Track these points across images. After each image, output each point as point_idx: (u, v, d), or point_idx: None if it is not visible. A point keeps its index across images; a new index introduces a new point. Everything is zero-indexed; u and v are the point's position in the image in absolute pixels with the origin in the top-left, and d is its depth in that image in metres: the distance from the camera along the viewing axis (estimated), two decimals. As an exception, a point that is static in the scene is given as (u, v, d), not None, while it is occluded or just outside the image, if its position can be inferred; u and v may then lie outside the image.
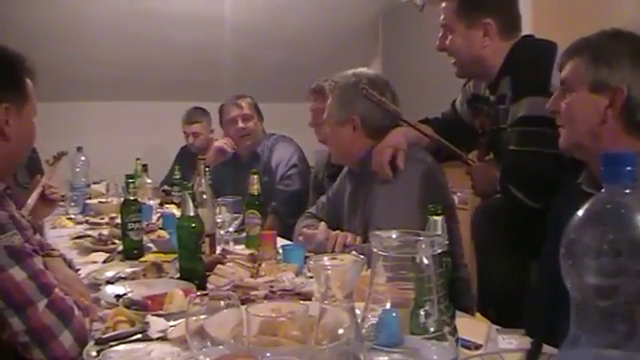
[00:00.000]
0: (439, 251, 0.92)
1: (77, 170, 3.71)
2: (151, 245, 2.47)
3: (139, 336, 1.42)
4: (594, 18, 3.11)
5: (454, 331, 1.02)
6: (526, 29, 2.24)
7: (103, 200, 3.59)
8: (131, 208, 2.37)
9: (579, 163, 1.63)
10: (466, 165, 2.27)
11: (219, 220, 2.38)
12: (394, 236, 0.93)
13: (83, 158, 3.76)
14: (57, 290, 1.37)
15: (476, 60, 2.15)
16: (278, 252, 2.17)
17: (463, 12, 2.13)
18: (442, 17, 2.20)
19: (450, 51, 2.19)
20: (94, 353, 1.32)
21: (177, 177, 3.74)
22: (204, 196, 2.30)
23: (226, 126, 3.85)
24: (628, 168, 0.73)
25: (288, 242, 2.46)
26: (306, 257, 2.06)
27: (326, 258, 0.98)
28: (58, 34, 4.42)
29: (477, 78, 2.27)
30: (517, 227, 1.97)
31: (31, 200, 2.63)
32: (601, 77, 1.51)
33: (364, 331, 0.92)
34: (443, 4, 2.19)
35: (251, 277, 1.92)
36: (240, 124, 3.71)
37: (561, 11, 3.30)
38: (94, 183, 3.86)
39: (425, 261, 0.90)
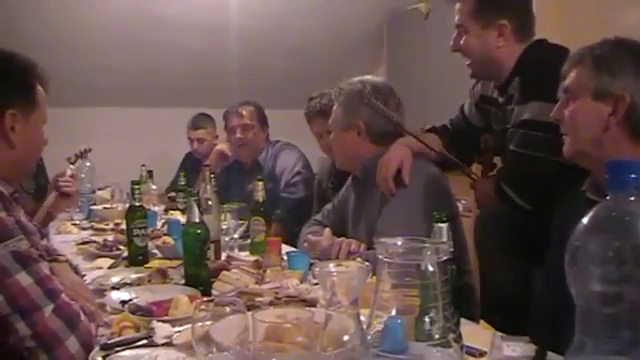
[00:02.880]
0: (444, 258, 0.93)
1: (82, 176, 3.72)
2: (156, 251, 2.47)
3: (144, 342, 1.42)
4: (597, 23, 3.12)
5: (459, 338, 1.02)
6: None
7: (108, 206, 3.61)
8: (136, 214, 2.38)
9: (581, 172, 1.64)
10: (470, 179, 2.29)
11: (224, 227, 2.39)
12: (399, 243, 0.94)
13: (88, 164, 3.77)
14: (63, 295, 1.38)
15: (490, 60, 2.15)
16: (283, 259, 2.17)
17: (479, 13, 2.13)
18: (457, 18, 2.19)
19: (465, 51, 2.19)
20: (99, 359, 1.32)
21: (182, 183, 3.75)
22: (209, 202, 2.32)
23: (228, 133, 3.87)
24: (632, 176, 0.73)
25: (293, 249, 2.46)
26: (311, 264, 2.06)
27: (332, 265, 0.98)
28: (64, 40, 4.44)
29: (490, 79, 2.28)
30: (516, 232, 1.98)
31: (51, 197, 2.66)
32: (604, 85, 1.52)
33: (369, 338, 0.92)
34: (458, 5, 2.19)
35: (256, 284, 1.92)
36: (238, 134, 3.72)
37: (564, 16, 3.30)
38: (99, 189, 3.87)
39: (430, 268, 0.90)
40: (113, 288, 1.93)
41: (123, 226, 2.65)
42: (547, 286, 1.71)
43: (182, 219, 2.85)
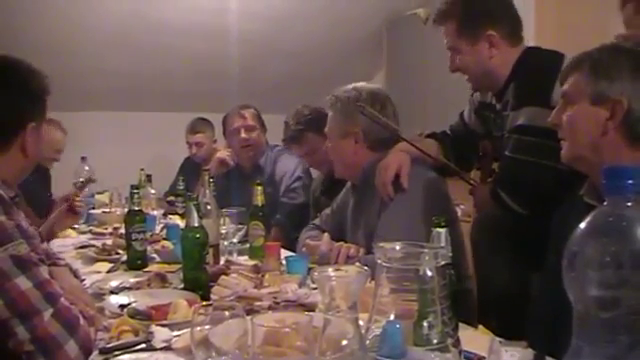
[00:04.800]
0: (443, 263, 0.93)
1: (81, 180, 3.73)
2: (155, 255, 2.47)
3: (143, 346, 1.43)
4: (596, 28, 3.12)
5: (457, 343, 1.02)
6: (529, 38, 2.25)
7: (107, 210, 3.61)
8: (135, 218, 2.38)
9: (577, 176, 1.65)
10: (469, 185, 2.29)
11: (223, 231, 2.39)
12: (398, 248, 0.94)
13: (87, 168, 3.78)
14: (63, 299, 1.38)
15: (487, 72, 2.17)
16: (282, 263, 2.18)
17: (463, 31, 2.16)
18: (446, 40, 2.22)
19: (463, 70, 2.23)
20: (98, 362, 1.33)
21: (181, 188, 3.75)
22: (208, 207, 2.32)
23: (229, 136, 3.85)
24: (630, 181, 0.74)
25: (292, 253, 2.46)
26: (309, 268, 2.06)
27: (330, 269, 0.98)
28: (62, 43, 4.44)
29: (491, 90, 2.29)
30: (512, 236, 1.99)
31: (54, 216, 2.72)
32: (601, 90, 1.52)
33: (368, 342, 0.93)
34: (443, 28, 2.22)
35: (255, 288, 1.92)
36: (243, 135, 3.71)
37: (563, 22, 3.31)
38: (98, 193, 3.88)
39: (429, 273, 0.90)
40: (112, 292, 1.93)
41: (122, 230, 2.65)
42: (545, 291, 1.71)
43: (181, 223, 2.85)
